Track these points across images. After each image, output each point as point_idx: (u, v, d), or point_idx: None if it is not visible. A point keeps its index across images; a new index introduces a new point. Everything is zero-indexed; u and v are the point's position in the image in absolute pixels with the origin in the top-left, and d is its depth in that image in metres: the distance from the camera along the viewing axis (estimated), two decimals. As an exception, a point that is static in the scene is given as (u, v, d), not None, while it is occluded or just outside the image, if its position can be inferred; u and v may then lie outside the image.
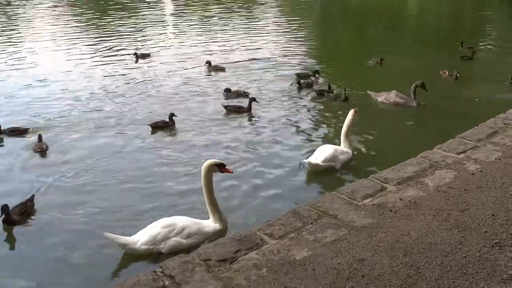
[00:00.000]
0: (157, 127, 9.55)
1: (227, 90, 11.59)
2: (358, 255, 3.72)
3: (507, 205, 4.35)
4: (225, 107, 10.51)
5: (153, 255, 5.56)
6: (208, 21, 22.71)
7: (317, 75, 12.96)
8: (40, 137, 8.75)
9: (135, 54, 15.09)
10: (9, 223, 6.31)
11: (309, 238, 3.97)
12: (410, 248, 3.78)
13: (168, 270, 3.64)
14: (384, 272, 3.52)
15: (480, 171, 5.02)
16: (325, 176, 7.50)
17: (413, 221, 4.16)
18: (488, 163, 5.21)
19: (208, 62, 14.03)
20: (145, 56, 15.24)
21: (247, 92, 11.59)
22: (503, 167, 5.10)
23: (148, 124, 9.56)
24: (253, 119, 10.10)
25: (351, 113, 8.04)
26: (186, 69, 14.15)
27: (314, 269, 3.57)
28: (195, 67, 14.30)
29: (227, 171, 6.09)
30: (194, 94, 11.87)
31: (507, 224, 4.05)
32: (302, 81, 12.08)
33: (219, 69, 13.94)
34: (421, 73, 12.44)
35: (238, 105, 10.55)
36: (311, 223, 4.21)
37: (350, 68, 14.79)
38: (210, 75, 13.65)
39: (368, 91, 11.06)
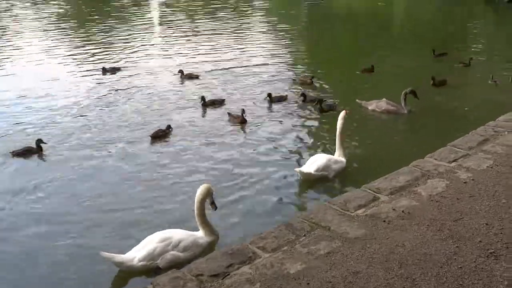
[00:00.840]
0: (156, 137, 9.45)
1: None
2: (352, 267, 3.67)
3: (500, 214, 4.33)
4: (231, 115, 10.50)
5: (150, 271, 5.44)
6: (194, 28, 22.49)
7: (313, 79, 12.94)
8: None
9: (103, 68, 14.63)
10: None
11: (302, 251, 3.91)
12: (405, 260, 3.74)
13: (159, 286, 3.56)
14: (379, 284, 3.47)
15: (472, 179, 5.01)
16: (317, 186, 7.43)
17: (407, 232, 4.12)
18: (480, 171, 5.19)
19: (181, 71, 14.10)
20: (115, 70, 14.81)
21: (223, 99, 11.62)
22: (495, 175, 5.09)
23: (149, 136, 9.45)
24: (241, 129, 9.99)
25: (341, 116, 7.91)
26: (158, 80, 13.87)
27: (308, 283, 3.52)
28: (173, 75, 14.12)
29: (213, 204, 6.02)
30: (172, 103, 11.68)
31: (501, 233, 4.03)
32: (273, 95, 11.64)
33: (192, 77, 14.01)
34: (411, 79, 12.44)
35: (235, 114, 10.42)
36: (304, 235, 4.15)
37: (339, 75, 14.70)
38: (182, 84, 13.53)
39: (357, 100, 11.03)
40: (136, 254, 5.48)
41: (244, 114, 10.13)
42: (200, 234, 5.91)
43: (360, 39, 20.49)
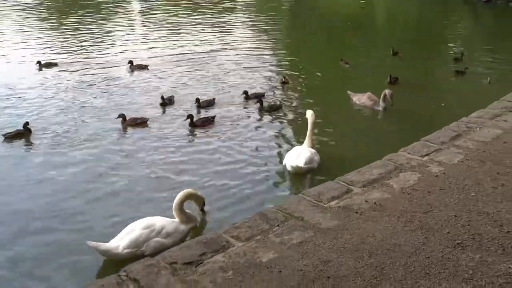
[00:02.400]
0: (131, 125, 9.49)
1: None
2: (324, 256, 3.75)
3: (469, 206, 4.45)
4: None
5: (136, 258, 5.43)
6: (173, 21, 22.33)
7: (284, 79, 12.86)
8: None
9: (38, 62, 14.22)
10: None
11: (275, 241, 3.98)
12: (375, 249, 3.83)
13: (133, 273, 3.59)
14: (350, 273, 3.55)
15: (443, 173, 5.13)
16: (292, 178, 7.51)
17: (378, 223, 4.21)
18: (451, 165, 5.32)
19: (131, 62, 14.13)
20: (51, 65, 14.42)
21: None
22: (465, 169, 5.21)
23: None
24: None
25: (310, 114, 8.05)
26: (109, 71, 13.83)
27: (280, 271, 3.58)
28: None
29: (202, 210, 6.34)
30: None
31: (469, 225, 4.14)
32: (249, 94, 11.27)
33: (142, 67, 14.06)
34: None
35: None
36: (278, 225, 4.21)
37: (320, 69, 14.73)
38: (133, 74, 13.56)
39: (348, 91, 11.10)
40: (120, 242, 5.51)
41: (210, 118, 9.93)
42: (178, 221, 5.99)
43: (334, 37, 20.57)
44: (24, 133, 9.04)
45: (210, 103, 10.83)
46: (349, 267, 3.62)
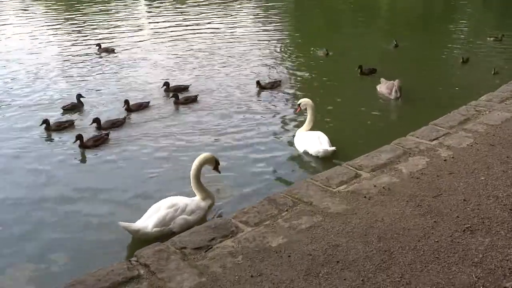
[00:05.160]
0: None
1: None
2: (332, 241, 3.75)
3: (478, 190, 4.43)
4: None
5: (164, 236, 5.52)
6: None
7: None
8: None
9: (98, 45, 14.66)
10: None
11: (284, 225, 3.98)
12: (383, 234, 3.83)
13: (143, 258, 3.61)
14: (358, 257, 3.56)
15: (452, 157, 5.10)
16: (300, 162, 7.52)
17: (386, 207, 4.20)
18: (460, 149, 5.29)
19: (99, 45, 14.41)
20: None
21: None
22: (475, 153, 5.19)
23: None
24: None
25: (305, 102, 8.23)
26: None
27: (289, 256, 3.59)
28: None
29: (217, 170, 6.46)
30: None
31: (478, 209, 4.13)
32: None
33: (109, 50, 14.32)
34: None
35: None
36: (287, 210, 4.22)
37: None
38: (101, 57, 13.90)
39: (382, 78, 10.95)
40: (147, 222, 5.68)
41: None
42: (198, 199, 6.17)
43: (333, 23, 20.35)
44: (78, 105, 9.83)
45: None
46: (358, 252, 3.62)
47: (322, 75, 12.17)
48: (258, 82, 10.95)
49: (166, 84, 10.79)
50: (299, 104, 8.36)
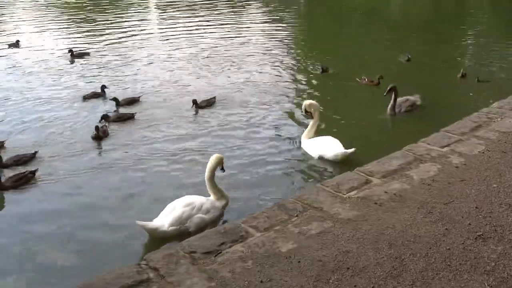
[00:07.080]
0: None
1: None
2: (343, 247, 3.73)
3: (490, 198, 4.39)
4: None
5: (181, 235, 5.57)
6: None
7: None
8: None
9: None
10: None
11: (294, 231, 3.96)
12: (394, 241, 3.80)
13: (153, 262, 3.61)
14: (369, 264, 3.53)
15: (464, 164, 5.06)
16: (311, 168, 7.51)
17: (397, 214, 4.17)
18: (471, 156, 5.25)
19: (70, 51, 14.28)
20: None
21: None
22: (486, 160, 5.14)
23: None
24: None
25: (310, 103, 8.31)
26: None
27: (299, 262, 3.57)
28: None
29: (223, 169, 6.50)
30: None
31: (490, 216, 4.09)
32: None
33: (83, 54, 14.39)
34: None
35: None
36: (297, 215, 4.20)
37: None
38: (73, 63, 13.89)
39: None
40: (164, 221, 5.72)
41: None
42: (213, 199, 6.23)
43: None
44: (100, 94, 10.67)
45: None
46: (369, 258, 3.60)
47: (332, 84, 12.20)
48: (194, 101, 10.17)
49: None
50: (305, 109, 8.30)
